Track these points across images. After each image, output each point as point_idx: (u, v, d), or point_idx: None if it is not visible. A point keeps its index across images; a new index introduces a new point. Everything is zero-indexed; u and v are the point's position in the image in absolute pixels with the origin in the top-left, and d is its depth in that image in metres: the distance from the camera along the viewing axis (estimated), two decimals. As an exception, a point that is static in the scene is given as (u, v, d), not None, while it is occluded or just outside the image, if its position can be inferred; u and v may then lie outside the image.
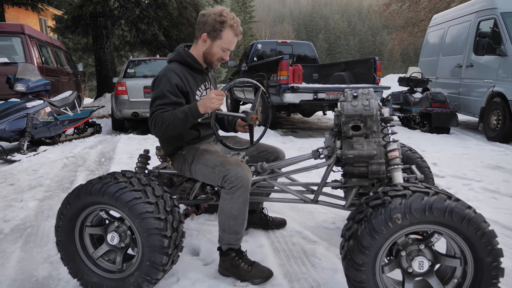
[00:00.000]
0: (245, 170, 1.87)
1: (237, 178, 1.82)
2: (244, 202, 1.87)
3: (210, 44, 2.02)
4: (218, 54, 2.04)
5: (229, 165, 1.88)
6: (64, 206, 1.78)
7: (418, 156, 2.51)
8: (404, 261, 1.53)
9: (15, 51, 6.93)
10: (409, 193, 1.46)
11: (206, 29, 1.99)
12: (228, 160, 1.93)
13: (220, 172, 1.87)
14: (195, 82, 2.07)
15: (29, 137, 5.29)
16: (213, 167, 1.92)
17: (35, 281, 2.01)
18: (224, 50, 2.03)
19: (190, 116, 1.84)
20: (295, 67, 7.44)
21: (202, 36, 2.01)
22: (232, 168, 1.85)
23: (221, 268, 1.99)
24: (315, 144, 5.70)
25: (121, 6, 13.50)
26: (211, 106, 1.82)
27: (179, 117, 1.83)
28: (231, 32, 2.00)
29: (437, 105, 6.77)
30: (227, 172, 1.85)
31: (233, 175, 1.83)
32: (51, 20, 16.67)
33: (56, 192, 3.60)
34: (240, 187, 1.83)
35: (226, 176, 1.84)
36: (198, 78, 2.10)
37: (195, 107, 1.83)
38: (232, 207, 1.86)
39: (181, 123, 1.85)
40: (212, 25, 1.97)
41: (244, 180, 1.84)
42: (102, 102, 12.07)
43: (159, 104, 1.89)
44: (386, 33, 66.81)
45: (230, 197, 1.85)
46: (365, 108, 1.83)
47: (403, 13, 20.90)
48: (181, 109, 1.87)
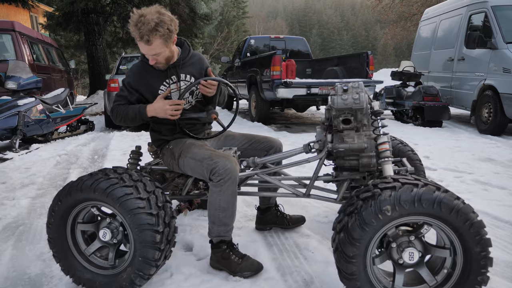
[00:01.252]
0: (233, 162, 1.88)
1: (225, 170, 1.83)
2: (233, 194, 1.89)
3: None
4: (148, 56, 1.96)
5: (217, 157, 1.88)
6: (55, 203, 1.78)
7: (410, 149, 2.52)
8: (394, 252, 1.54)
9: (6, 48, 6.85)
10: (399, 185, 1.47)
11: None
12: (216, 153, 1.94)
13: (208, 165, 1.88)
14: (158, 77, 2.06)
15: (21, 135, 5.25)
16: (201, 160, 1.93)
17: (27, 278, 2.01)
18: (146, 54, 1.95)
19: (139, 117, 2.01)
20: (288, 62, 7.42)
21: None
22: (220, 160, 1.86)
23: (212, 260, 2.01)
24: (308, 139, 5.70)
25: (113, 2, 13.37)
26: (163, 116, 1.96)
27: (129, 115, 2.03)
28: (140, 42, 1.87)
29: (430, 99, 6.81)
30: (215, 165, 1.86)
31: (221, 167, 1.84)
32: (42, 17, 16.50)
33: (48, 190, 3.58)
34: (228, 179, 1.84)
35: (214, 169, 1.85)
36: (162, 73, 2.06)
37: (144, 111, 1.99)
38: (221, 199, 1.88)
39: (131, 120, 2.04)
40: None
41: (232, 172, 1.85)
42: (95, 99, 11.99)
43: (117, 95, 2.11)
44: (379, 27, 66.93)
45: (218, 189, 1.86)
46: (355, 101, 1.84)
47: (395, 7, 20.96)
48: (133, 107, 2.03)
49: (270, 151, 2.28)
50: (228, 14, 37.19)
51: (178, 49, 2.13)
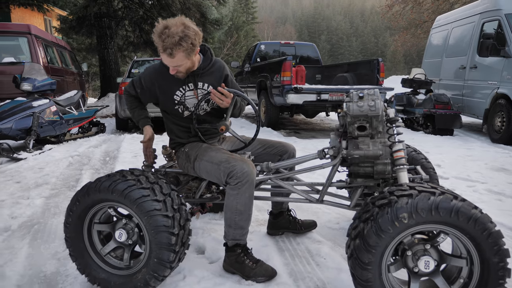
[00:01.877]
0: (250, 166, 1.90)
1: (243, 173, 1.85)
2: (250, 197, 1.91)
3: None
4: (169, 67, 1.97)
5: (235, 161, 1.90)
6: (73, 203, 1.80)
7: (423, 157, 2.52)
8: (410, 260, 1.54)
9: (22, 51, 6.97)
10: (415, 193, 1.47)
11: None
12: (233, 157, 1.96)
13: (226, 169, 1.89)
14: (176, 82, 2.07)
15: (35, 135, 5.33)
16: (218, 163, 1.94)
17: (43, 276, 2.04)
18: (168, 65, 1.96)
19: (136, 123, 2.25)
20: (298, 68, 7.46)
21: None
22: (237, 164, 1.88)
23: (226, 263, 2.02)
24: (318, 145, 5.72)
25: (125, 6, 13.55)
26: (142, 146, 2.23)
27: (133, 116, 2.26)
28: (163, 55, 1.89)
29: (441, 107, 6.77)
30: (232, 168, 1.87)
31: (238, 170, 1.86)
32: (56, 21, 16.77)
33: (62, 190, 3.63)
34: (245, 182, 1.86)
35: (232, 172, 1.87)
36: (179, 80, 2.07)
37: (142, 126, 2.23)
38: (238, 203, 1.89)
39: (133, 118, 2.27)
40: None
41: (249, 176, 1.87)
42: (106, 101, 12.12)
43: (134, 81, 2.21)
44: (388, 34, 66.75)
45: (236, 192, 1.88)
46: (370, 108, 1.85)
47: (406, 14, 20.90)
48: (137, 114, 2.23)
49: (283, 156, 2.30)
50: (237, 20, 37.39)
51: (200, 56, 2.11)
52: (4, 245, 2.41)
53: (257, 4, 50.93)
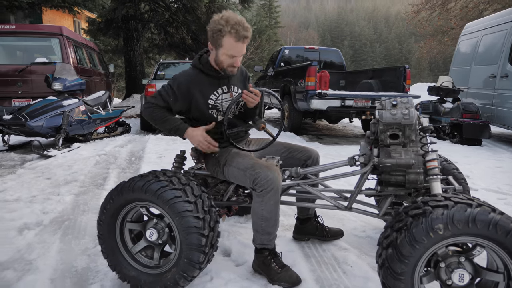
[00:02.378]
0: (275, 172, 1.90)
1: (267, 181, 1.86)
2: (275, 204, 1.91)
3: (215, 52, 2.00)
4: (226, 61, 1.99)
5: (259, 168, 1.91)
6: (107, 201, 1.85)
7: (454, 167, 2.47)
8: (443, 272, 1.51)
9: (53, 51, 7.19)
10: (451, 204, 1.45)
11: (209, 37, 1.99)
12: (258, 163, 1.96)
13: (251, 175, 1.91)
14: (210, 85, 2.08)
15: (64, 134, 5.49)
16: (244, 170, 1.96)
17: (74, 271, 2.09)
18: (231, 56, 1.97)
19: (175, 133, 2.04)
20: (322, 73, 7.42)
21: (208, 45, 2.04)
22: (262, 171, 1.88)
23: (255, 263, 2.05)
24: (341, 151, 5.68)
25: (151, 9, 13.81)
26: (195, 144, 2.05)
27: (166, 126, 2.04)
28: (232, 39, 1.90)
29: (469, 116, 6.61)
30: (257, 175, 1.88)
31: (262, 178, 1.86)
32: (85, 23, 17.22)
33: (90, 188, 3.72)
34: (270, 190, 1.86)
35: (256, 179, 1.88)
36: (214, 82, 2.09)
37: (182, 133, 2.03)
38: (263, 209, 1.90)
39: (166, 130, 2.06)
40: (211, 34, 1.95)
41: (274, 183, 1.86)
42: (130, 102, 12.35)
43: (160, 92, 2.05)
44: (413, 40, 65.71)
45: (260, 199, 1.89)
46: (404, 117, 1.83)
47: (433, 20, 20.52)
48: (173, 121, 2.03)
49: (308, 161, 2.30)
50: (260, 24, 37.52)
51: None
52: (37, 239, 2.50)
53: (280, 8, 51.02)
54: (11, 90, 6.78)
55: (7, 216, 2.83)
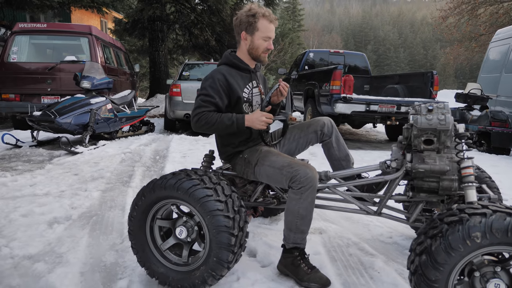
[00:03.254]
0: (313, 171, 1.91)
1: (306, 178, 1.86)
2: (312, 202, 1.92)
3: (251, 39, 2.11)
4: (262, 45, 2.12)
5: (297, 166, 1.92)
6: (139, 198, 1.88)
7: (487, 175, 2.41)
8: (477, 282, 1.48)
9: (82, 50, 7.37)
10: (490, 212, 1.41)
11: (242, 27, 2.11)
12: (295, 161, 1.98)
13: (288, 173, 1.92)
14: (243, 80, 2.17)
15: (91, 131, 5.61)
16: (281, 168, 1.97)
17: (103, 266, 2.13)
18: (266, 39, 2.11)
19: (235, 126, 2.00)
20: (347, 77, 7.35)
21: (241, 35, 2.13)
22: (300, 168, 1.90)
23: (281, 264, 2.03)
24: (365, 156, 5.62)
25: (177, 11, 14.02)
26: (257, 127, 2.00)
27: (225, 123, 2.00)
28: (265, 21, 2.08)
29: (498, 125, 6.44)
30: (296, 172, 1.89)
31: (302, 175, 1.87)
32: (111, 23, 17.61)
33: (116, 184, 3.79)
34: (309, 187, 1.87)
35: (295, 177, 1.88)
36: (246, 77, 2.19)
37: (242, 121, 2.00)
38: (300, 207, 1.90)
39: (225, 127, 2.01)
40: (246, 21, 2.09)
41: (313, 181, 1.88)
42: (154, 102, 12.54)
43: (203, 100, 2.03)
44: (439, 46, 64.51)
45: (298, 197, 1.89)
46: (440, 122, 1.80)
47: (461, 26, 20.08)
48: (228, 115, 2.01)
49: (324, 129, 2.29)
50: (284, 27, 37.52)
51: None
52: (66, 233, 2.56)
53: (304, 11, 50.92)
54: (41, 87, 6.98)
55: (37, 210, 2.90)
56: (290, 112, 2.15)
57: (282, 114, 2.16)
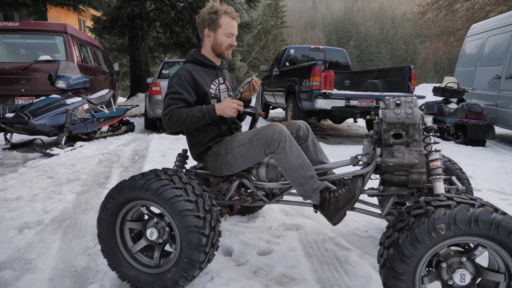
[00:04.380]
0: (278, 124, 1.99)
1: (277, 133, 1.93)
2: (297, 147, 1.97)
3: (214, 36, 2.15)
4: (225, 42, 2.16)
5: (263, 130, 1.99)
6: (108, 200, 1.84)
7: (458, 167, 2.44)
8: (444, 273, 1.49)
9: (57, 49, 7.21)
10: (454, 204, 1.43)
11: (205, 25, 2.15)
12: (258, 129, 2.04)
13: (260, 141, 1.97)
14: (209, 77, 2.20)
15: (67, 132, 5.49)
16: (249, 141, 2.01)
17: (74, 271, 2.09)
18: (228, 35, 2.15)
19: (207, 116, 2.01)
20: (327, 73, 7.39)
21: (205, 32, 2.16)
22: (267, 130, 1.96)
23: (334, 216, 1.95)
24: (345, 151, 5.65)
25: (157, 8, 13.83)
26: (228, 114, 2.02)
27: (196, 115, 2.00)
28: (227, 17, 2.13)
29: (473, 117, 6.57)
30: (265, 136, 1.95)
31: (272, 134, 1.93)
32: (90, 21, 17.31)
33: (92, 186, 3.72)
34: (285, 138, 1.93)
35: (268, 140, 1.94)
36: (212, 73, 2.23)
37: (213, 109, 2.01)
38: (292, 159, 1.93)
39: (197, 120, 2.01)
40: (208, 18, 2.13)
41: (284, 131, 1.95)
42: (135, 101, 12.36)
43: (172, 98, 2.03)
44: (419, 41, 65.46)
45: (284, 153, 1.93)
46: (408, 116, 1.81)
47: (439, 21, 20.40)
48: (198, 108, 2.02)
49: (299, 132, 2.29)
50: (266, 23, 37.49)
51: None
52: (37, 238, 2.49)
53: (287, 8, 50.95)
54: (14, 88, 6.81)
55: (7, 215, 2.82)
56: (260, 108, 2.16)
57: (251, 108, 2.16)
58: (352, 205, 1.93)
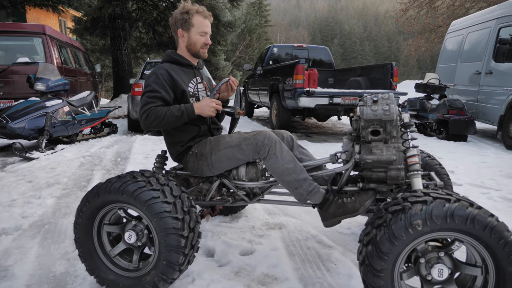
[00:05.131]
0: (267, 131, 2.02)
1: (267, 139, 1.94)
2: (287, 152, 1.97)
3: (187, 35, 2.16)
4: (199, 40, 2.16)
5: (252, 135, 2.00)
6: (84, 204, 1.81)
7: (437, 163, 2.47)
8: (423, 268, 1.50)
9: (36, 51, 7.06)
10: (430, 200, 1.44)
11: (178, 25, 2.16)
12: (246, 134, 2.05)
13: (249, 146, 1.97)
14: (186, 76, 2.20)
15: (47, 135, 5.38)
16: (238, 144, 2.01)
17: (52, 277, 2.04)
18: (202, 34, 2.16)
19: (185, 115, 2.00)
20: (311, 71, 7.42)
21: (178, 33, 2.17)
22: (257, 136, 1.97)
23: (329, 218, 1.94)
24: (330, 149, 5.68)
25: (139, 8, 13.68)
26: (207, 113, 2.01)
27: (174, 114, 1.98)
28: (200, 16, 2.14)
29: (455, 112, 6.67)
30: (255, 141, 1.96)
31: (262, 139, 1.95)
32: (71, 22, 17.00)
33: (73, 190, 3.65)
34: (275, 144, 1.94)
35: (258, 145, 1.94)
36: (189, 72, 2.22)
37: (191, 109, 2.00)
38: (283, 163, 1.94)
39: (175, 119, 1.99)
40: (181, 18, 2.14)
41: (273, 137, 1.97)
42: (118, 102, 12.22)
43: (149, 97, 2.01)
44: (402, 39, 66.24)
45: (275, 157, 1.94)
46: (385, 113, 1.82)
47: (420, 19, 20.67)
48: (177, 106, 2.01)
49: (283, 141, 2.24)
50: (250, 22, 37.51)
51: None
52: (14, 244, 2.43)
53: (271, 7, 51.02)
54: (-8, 92, 6.65)
55: (-16, 222, 2.75)
56: (238, 107, 2.15)
57: (230, 107, 2.15)
58: (351, 217, 1.91)
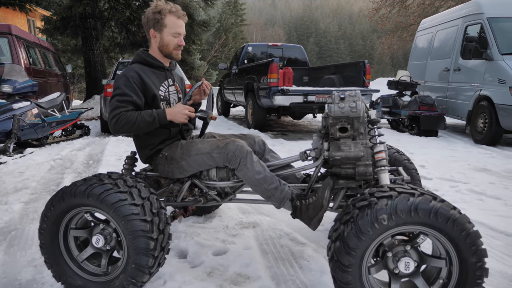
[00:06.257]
0: (240, 141, 2.00)
1: (239, 150, 1.93)
2: (258, 162, 1.97)
3: (160, 36, 2.07)
4: (172, 42, 2.08)
5: (225, 144, 1.97)
6: (48, 209, 1.75)
7: (406, 158, 2.52)
8: (390, 262, 1.53)
9: (2, 51, 6.82)
10: (395, 194, 1.46)
11: (150, 25, 2.07)
12: (220, 141, 2.01)
13: (220, 155, 1.95)
14: (158, 78, 2.12)
15: (15, 139, 5.20)
16: (210, 152, 1.98)
17: (18, 284, 1.97)
18: (175, 35, 2.07)
19: (157, 121, 1.95)
20: (285, 70, 7.45)
21: (150, 33, 2.08)
22: (229, 145, 1.95)
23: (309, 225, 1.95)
24: (305, 147, 5.70)
25: (111, 7, 13.40)
26: (179, 120, 1.98)
27: (146, 120, 1.92)
28: (173, 16, 2.05)
29: (426, 108, 6.84)
30: (227, 151, 1.94)
31: (234, 150, 1.93)
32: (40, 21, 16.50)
33: (42, 194, 3.54)
34: (246, 155, 1.93)
35: (229, 155, 1.93)
36: (160, 75, 2.14)
37: (164, 114, 1.95)
38: (254, 174, 1.93)
39: (146, 125, 1.93)
40: (153, 18, 2.05)
41: (245, 148, 1.96)
42: (91, 104, 11.95)
43: (119, 101, 1.93)
44: (375, 37, 67.48)
45: (245, 169, 1.93)
46: (352, 110, 1.84)
47: (392, 17, 21.10)
48: (148, 112, 1.95)
49: (255, 146, 2.28)
50: (226, 21, 37.37)
51: None
52: (-21, 252, 2.34)
53: (246, 6, 51.00)
54: (-44, 94, 6.37)
55: None
56: (211, 111, 2.13)
57: (203, 112, 2.12)
58: (323, 213, 1.91)
